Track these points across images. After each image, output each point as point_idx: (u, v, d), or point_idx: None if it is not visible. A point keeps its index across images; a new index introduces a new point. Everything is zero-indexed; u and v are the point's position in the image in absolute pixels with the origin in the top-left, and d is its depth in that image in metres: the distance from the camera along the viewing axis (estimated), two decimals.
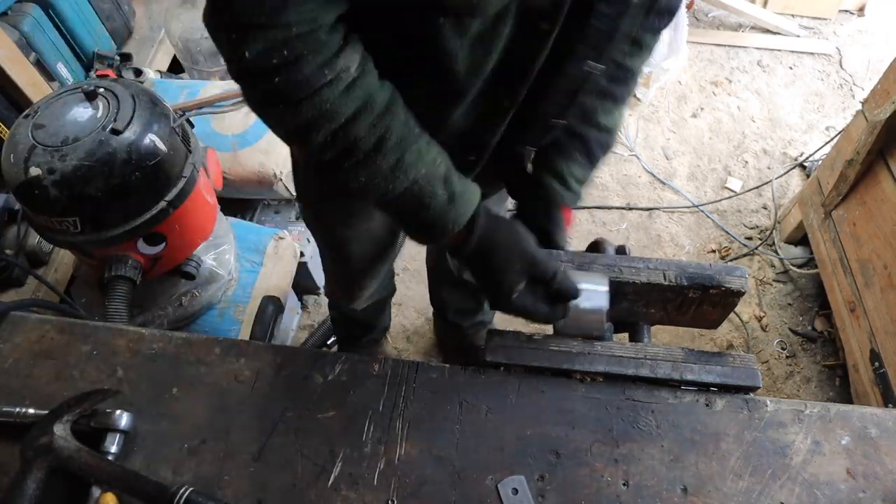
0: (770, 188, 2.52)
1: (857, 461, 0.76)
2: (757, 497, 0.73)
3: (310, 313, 2.36)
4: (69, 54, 2.25)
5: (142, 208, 1.31)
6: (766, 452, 0.76)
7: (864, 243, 1.84)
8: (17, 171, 1.24)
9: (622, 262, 0.88)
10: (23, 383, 0.84)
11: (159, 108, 1.36)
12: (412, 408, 0.81)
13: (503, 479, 0.75)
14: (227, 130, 1.92)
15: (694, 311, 0.90)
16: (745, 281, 0.86)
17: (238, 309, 1.71)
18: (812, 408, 0.80)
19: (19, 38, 2.00)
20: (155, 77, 2.27)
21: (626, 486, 0.75)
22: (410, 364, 0.84)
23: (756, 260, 2.39)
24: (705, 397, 0.81)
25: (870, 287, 1.80)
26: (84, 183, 1.23)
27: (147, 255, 1.40)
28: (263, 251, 1.82)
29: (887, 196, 1.74)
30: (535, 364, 0.82)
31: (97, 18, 2.36)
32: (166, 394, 0.83)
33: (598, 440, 0.78)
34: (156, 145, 1.30)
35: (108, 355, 0.87)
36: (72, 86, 1.35)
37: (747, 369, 0.81)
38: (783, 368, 2.13)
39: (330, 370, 0.84)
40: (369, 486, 0.75)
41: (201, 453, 0.78)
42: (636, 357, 0.82)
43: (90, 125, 1.26)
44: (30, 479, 0.71)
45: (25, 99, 1.84)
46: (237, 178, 1.92)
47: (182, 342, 0.88)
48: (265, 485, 0.76)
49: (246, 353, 0.86)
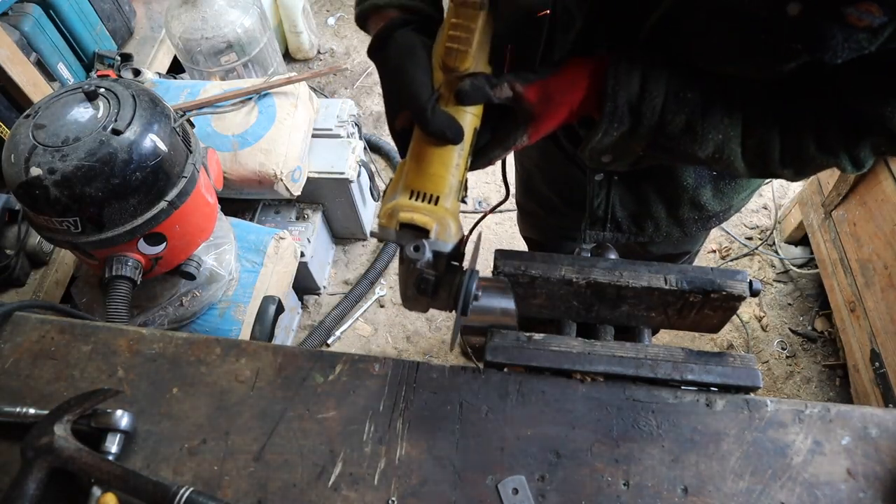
0: (770, 188, 2.52)
1: (857, 461, 0.76)
2: (757, 497, 0.73)
3: (310, 313, 2.37)
4: (70, 54, 2.26)
5: (142, 208, 1.31)
6: (767, 452, 0.76)
7: (865, 243, 1.84)
8: (18, 171, 1.24)
9: (623, 266, 0.88)
10: (23, 383, 0.84)
11: (160, 108, 1.36)
12: (412, 408, 0.81)
13: (503, 479, 0.75)
14: (227, 130, 1.92)
15: (695, 315, 0.90)
16: (746, 285, 0.85)
17: (238, 309, 1.71)
18: (812, 408, 0.80)
19: (20, 38, 2.01)
20: (154, 77, 2.27)
21: (626, 486, 0.75)
22: (410, 364, 0.84)
23: (756, 260, 2.39)
24: (705, 397, 0.81)
25: (870, 287, 1.80)
26: (84, 183, 1.23)
27: (147, 255, 1.40)
28: (263, 251, 1.82)
29: (887, 196, 1.74)
30: (535, 364, 0.82)
31: (98, 18, 2.37)
32: (167, 394, 0.83)
33: (598, 440, 0.78)
34: (156, 145, 1.30)
35: (108, 355, 0.87)
36: (72, 86, 1.35)
37: (747, 369, 0.81)
38: (783, 368, 2.13)
39: (330, 370, 0.84)
40: (369, 486, 0.75)
41: (201, 453, 0.78)
42: (636, 357, 0.82)
43: (91, 125, 1.26)
44: (30, 479, 0.71)
45: (26, 99, 1.84)
46: (237, 178, 1.92)
47: (182, 342, 0.88)
48: (265, 485, 0.76)
49: (246, 353, 0.86)
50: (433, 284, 0.67)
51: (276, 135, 1.92)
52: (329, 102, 2.25)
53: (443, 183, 0.64)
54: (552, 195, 1.18)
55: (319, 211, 2.26)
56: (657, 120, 0.66)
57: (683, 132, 0.67)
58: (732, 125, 0.67)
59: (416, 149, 0.66)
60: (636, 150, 0.72)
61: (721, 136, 0.67)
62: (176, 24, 2.31)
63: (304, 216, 2.23)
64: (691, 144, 0.68)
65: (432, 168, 0.64)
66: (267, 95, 1.97)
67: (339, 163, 2.13)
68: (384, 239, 0.66)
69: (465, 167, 0.66)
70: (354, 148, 2.17)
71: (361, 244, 2.54)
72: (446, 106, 0.64)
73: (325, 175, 2.12)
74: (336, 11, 3.42)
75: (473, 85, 0.63)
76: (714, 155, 0.69)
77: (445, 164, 0.64)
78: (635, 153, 0.72)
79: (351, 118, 2.24)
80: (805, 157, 0.67)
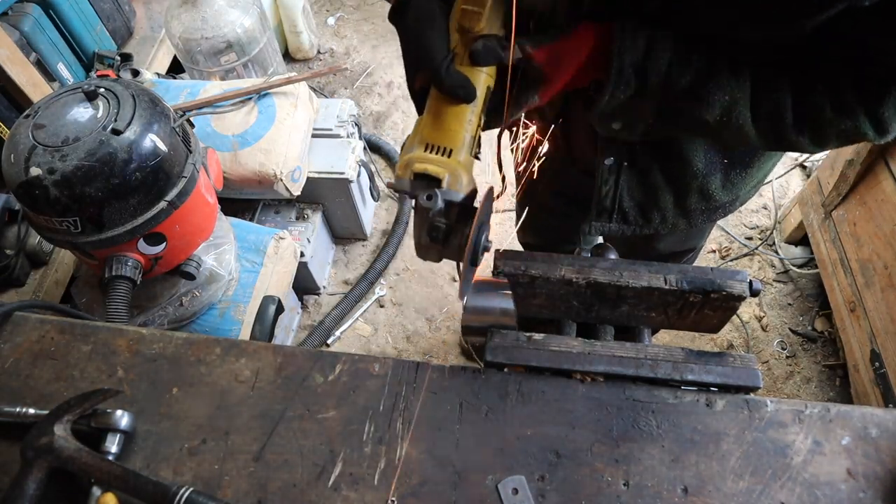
0: (770, 188, 2.52)
1: (857, 461, 0.76)
2: (757, 497, 0.73)
3: (310, 313, 2.37)
4: (69, 54, 2.26)
5: (142, 208, 1.31)
6: (767, 452, 0.76)
7: (865, 243, 1.84)
8: (18, 171, 1.24)
9: (623, 266, 0.88)
10: (23, 383, 0.84)
11: (160, 108, 1.36)
12: (412, 408, 0.81)
13: (503, 479, 0.75)
14: (227, 130, 1.92)
15: (695, 315, 0.90)
16: (746, 285, 0.85)
17: (238, 309, 1.71)
18: (812, 408, 0.80)
19: (19, 38, 2.01)
20: (153, 78, 2.27)
21: (626, 486, 0.75)
22: (410, 364, 0.84)
23: (756, 260, 2.39)
24: (705, 397, 0.81)
25: (870, 287, 1.80)
26: (84, 183, 1.23)
27: (147, 255, 1.40)
28: (263, 251, 1.82)
29: (887, 196, 1.74)
30: (535, 364, 0.82)
31: (97, 18, 2.37)
32: (166, 394, 0.83)
33: (598, 440, 0.78)
34: (156, 145, 1.30)
35: (108, 355, 0.87)
36: (72, 86, 1.35)
37: (747, 369, 0.81)
38: (783, 368, 2.13)
39: (330, 370, 0.84)
40: (369, 486, 0.75)
41: (201, 453, 0.78)
42: (636, 357, 0.82)
43: (90, 125, 1.26)
44: (30, 479, 0.71)
45: (26, 99, 1.84)
46: (237, 178, 1.92)
47: (182, 342, 0.88)
48: (265, 485, 0.76)
49: (246, 353, 0.86)
50: (444, 232, 0.69)
51: (275, 135, 1.92)
52: (329, 102, 2.25)
53: (456, 137, 0.67)
54: (556, 197, 1.19)
55: (319, 211, 2.26)
56: (663, 80, 0.67)
57: (689, 94, 0.68)
58: (740, 87, 0.67)
59: (432, 105, 0.69)
60: (645, 116, 0.73)
61: (728, 97, 0.67)
62: (176, 24, 2.31)
63: (304, 216, 2.23)
64: (698, 107, 0.68)
65: (446, 123, 0.67)
66: (267, 95, 1.97)
67: (339, 163, 2.13)
68: (400, 188, 0.68)
69: (477, 123, 0.69)
70: (354, 148, 2.17)
71: (361, 244, 2.54)
72: (461, 65, 0.67)
73: (325, 175, 2.12)
74: (336, 11, 3.42)
75: (486, 46, 0.66)
76: (722, 118, 0.69)
77: (459, 119, 0.67)
78: (645, 120, 0.73)
79: (351, 118, 2.24)
80: (821, 120, 0.67)
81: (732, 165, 0.93)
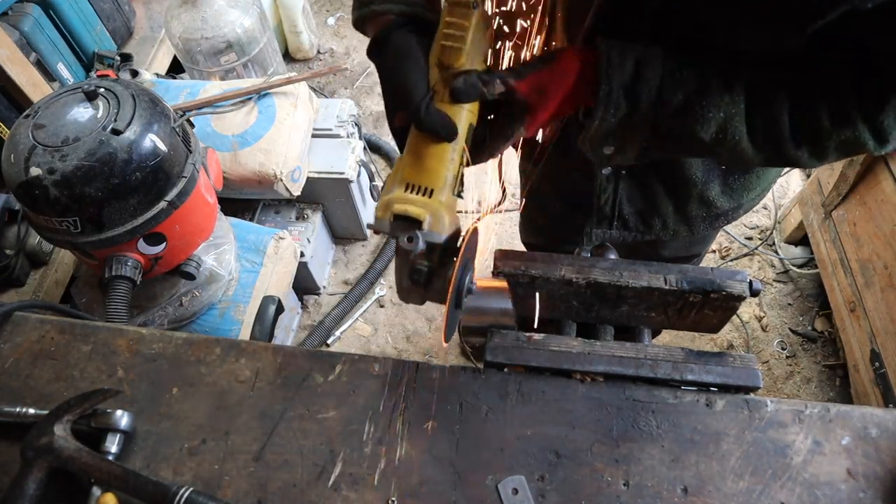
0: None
1: (857, 461, 0.76)
2: (757, 497, 0.73)
3: (310, 313, 2.37)
4: (69, 54, 2.26)
5: (142, 208, 1.31)
6: (767, 452, 0.76)
7: (864, 243, 1.84)
8: (18, 171, 1.24)
9: (623, 266, 0.88)
10: (23, 383, 0.84)
11: (160, 108, 1.36)
12: (412, 408, 0.81)
13: (503, 479, 0.75)
14: (227, 130, 1.92)
15: (695, 315, 0.90)
16: (746, 285, 0.85)
17: (238, 309, 1.71)
18: (812, 408, 0.80)
19: (19, 38, 2.01)
20: (152, 78, 2.27)
21: (626, 486, 0.75)
22: (410, 364, 0.84)
23: (756, 260, 2.39)
24: (705, 397, 0.81)
25: (870, 287, 1.80)
26: (84, 183, 1.23)
27: (147, 255, 1.40)
28: (263, 251, 1.82)
29: (887, 196, 1.74)
30: (535, 364, 0.82)
31: (97, 18, 2.37)
32: (166, 394, 0.83)
33: (598, 440, 0.78)
34: (156, 145, 1.30)
35: (108, 355, 0.87)
36: (72, 86, 1.35)
37: (747, 369, 0.81)
38: (783, 368, 2.13)
39: (330, 370, 0.84)
40: (369, 486, 0.75)
41: (201, 453, 0.78)
42: (636, 357, 0.82)
43: (90, 125, 1.26)
44: (30, 479, 0.71)
45: (26, 99, 1.84)
46: (237, 178, 1.92)
47: (182, 342, 0.88)
48: (265, 485, 0.76)
49: (246, 353, 0.86)
50: (426, 275, 0.68)
51: (275, 135, 1.92)
52: (329, 102, 2.25)
53: (437, 177, 0.66)
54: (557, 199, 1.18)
55: (319, 211, 2.26)
56: (654, 100, 0.66)
57: (682, 112, 0.66)
58: (734, 101, 0.66)
59: (413, 144, 0.67)
60: (637, 139, 0.71)
61: (723, 113, 0.66)
62: (176, 24, 2.31)
63: (304, 216, 2.23)
64: (692, 125, 0.67)
65: (427, 162, 0.66)
66: (267, 95, 1.97)
67: (339, 163, 2.13)
68: (380, 230, 0.67)
69: (460, 162, 0.68)
70: (354, 148, 2.17)
71: (361, 244, 2.54)
72: (441, 102, 0.65)
73: (325, 175, 2.12)
74: (336, 11, 3.42)
75: (467, 82, 0.64)
76: (718, 135, 0.67)
77: (440, 158, 0.66)
78: (637, 143, 0.72)
79: (351, 118, 2.23)
80: (819, 131, 0.66)
81: (731, 171, 0.93)
